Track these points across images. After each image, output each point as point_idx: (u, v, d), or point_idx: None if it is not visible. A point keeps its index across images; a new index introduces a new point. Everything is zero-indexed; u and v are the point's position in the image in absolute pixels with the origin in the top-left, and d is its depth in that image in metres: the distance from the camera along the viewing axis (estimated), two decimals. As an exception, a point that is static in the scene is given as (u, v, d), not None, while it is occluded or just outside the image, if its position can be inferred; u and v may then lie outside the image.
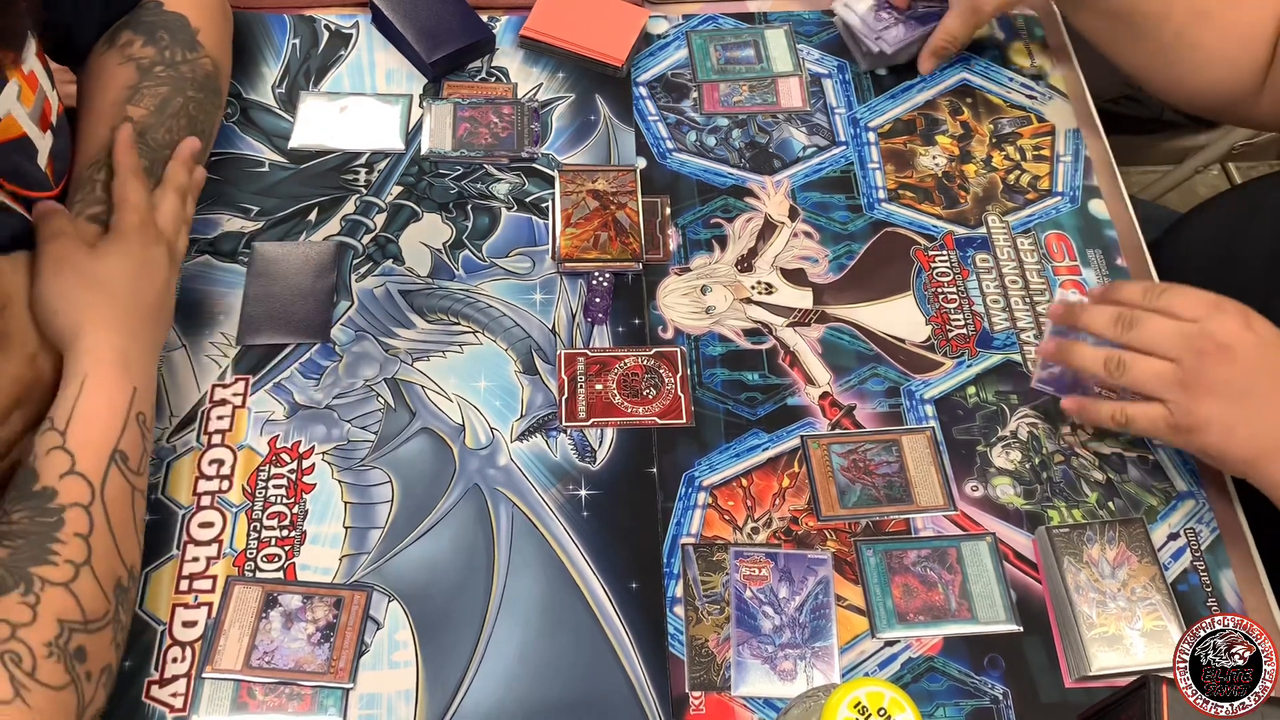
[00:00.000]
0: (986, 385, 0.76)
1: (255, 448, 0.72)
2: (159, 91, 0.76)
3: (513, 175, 0.86)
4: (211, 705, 0.63)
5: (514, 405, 0.74)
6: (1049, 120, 0.91)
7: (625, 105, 0.90)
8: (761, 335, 0.78)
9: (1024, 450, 0.74)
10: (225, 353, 0.76)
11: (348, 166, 0.86)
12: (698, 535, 0.70)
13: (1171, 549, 0.70)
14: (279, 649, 0.64)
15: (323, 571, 0.68)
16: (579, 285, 0.80)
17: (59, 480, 0.58)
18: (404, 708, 0.63)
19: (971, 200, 0.86)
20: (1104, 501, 0.72)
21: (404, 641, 0.65)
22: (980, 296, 0.80)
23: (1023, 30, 0.96)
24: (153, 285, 0.67)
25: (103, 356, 0.62)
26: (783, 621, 0.66)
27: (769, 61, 0.93)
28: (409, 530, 0.69)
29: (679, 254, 0.82)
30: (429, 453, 0.72)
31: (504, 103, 0.89)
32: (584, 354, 0.77)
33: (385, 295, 0.79)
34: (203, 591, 0.66)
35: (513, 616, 0.66)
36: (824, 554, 0.69)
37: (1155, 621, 0.65)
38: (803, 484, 0.72)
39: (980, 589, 0.68)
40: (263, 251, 0.80)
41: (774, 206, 0.85)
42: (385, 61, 0.92)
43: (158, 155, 0.74)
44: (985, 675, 0.65)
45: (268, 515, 0.69)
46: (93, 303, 0.63)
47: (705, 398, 0.75)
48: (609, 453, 0.73)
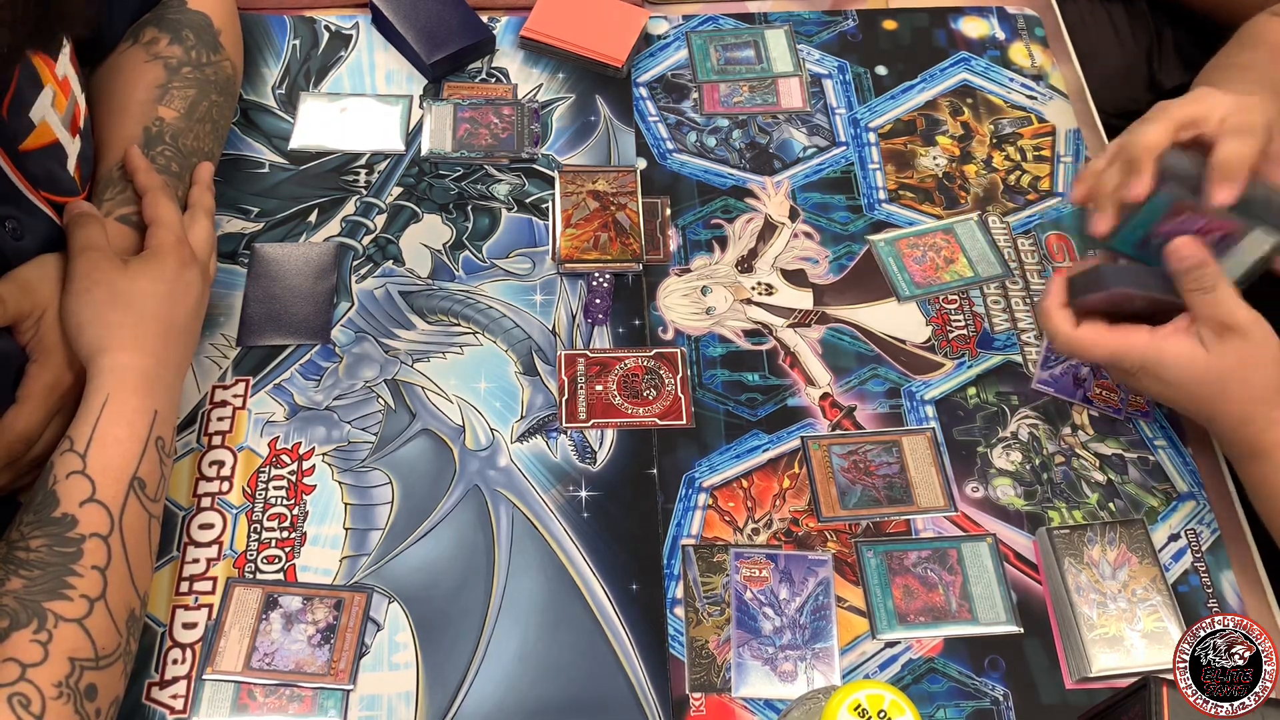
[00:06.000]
0: (987, 386, 0.76)
1: (255, 449, 0.72)
2: (187, 94, 0.76)
3: (513, 176, 0.86)
4: (212, 707, 0.63)
5: (514, 406, 0.74)
6: (1049, 121, 0.91)
7: (625, 106, 0.90)
8: (762, 336, 0.78)
9: (1024, 451, 0.74)
10: (225, 354, 0.76)
11: (348, 167, 0.86)
12: (698, 536, 0.70)
13: (1172, 550, 0.70)
14: (279, 650, 0.64)
15: (323, 573, 0.68)
16: (579, 286, 0.80)
17: (79, 508, 0.57)
18: (404, 709, 0.63)
19: (972, 201, 0.86)
20: (1104, 503, 0.71)
21: (404, 643, 0.65)
22: (981, 297, 0.80)
23: (1023, 30, 0.96)
24: (184, 307, 0.67)
25: (126, 378, 0.61)
26: (783, 623, 0.66)
27: (769, 62, 0.93)
28: (409, 531, 0.69)
29: (679, 255, 0.82)
30: (429, 454, 0.72)
31: (504, 103, 0.89)
32: (584, 355, 0.77)
33: (385, 296, 0.79)
34: (203, 593, 0.66)
35: (513, 618, 0.66)
36: (824, 555, 0.69)
37: (1156, 623, 0.65)
38: (803, 485, 0.72)
39: (981, 590, 0.68)
40: (263, 253, 0.80)
41: (774, 207, 0.85)
42: (385, 62, 0.92)
43: (186, 162, 0.74)
44: (986, 676, 0.65)
45: (268, 517, 0.69)
46: (121, 322, 0.63)
47: (705, 399, 0.75)
48: (609, 454, 0.73)
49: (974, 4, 0.98)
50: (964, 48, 0.95)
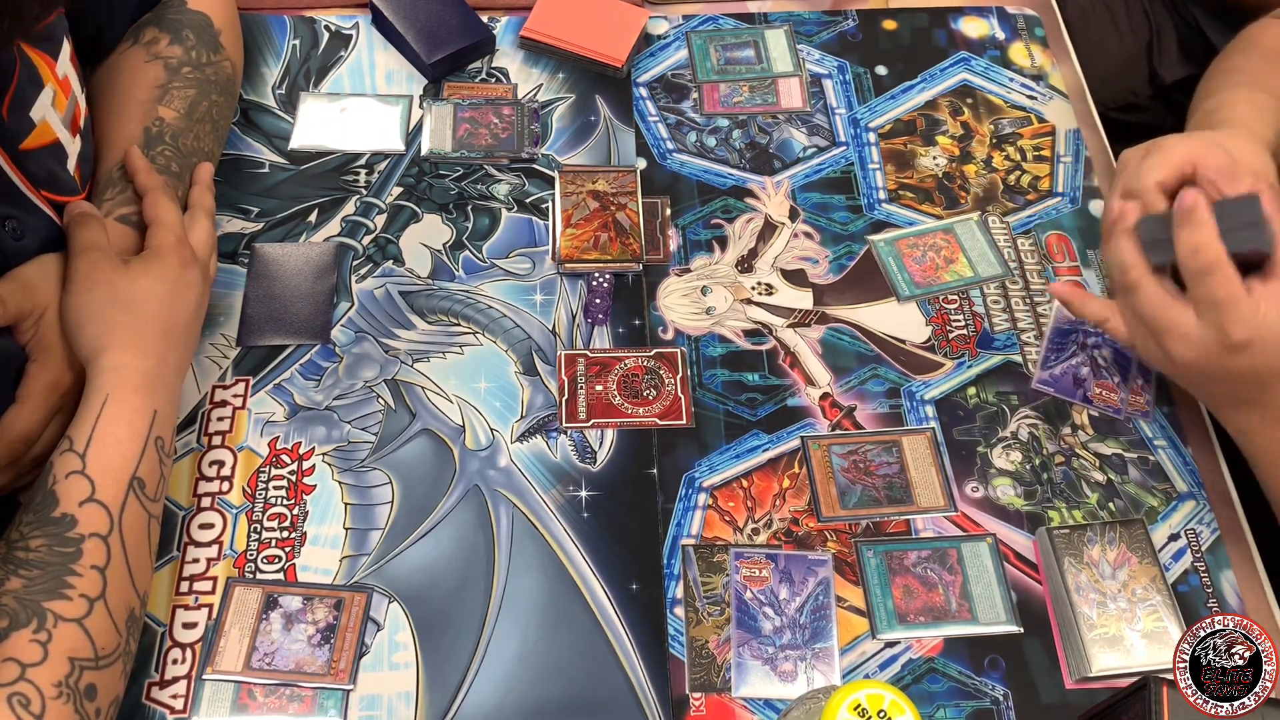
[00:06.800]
0: (987, 386, 0.76)
1: (255, 449, 0.72)
2: (187, 94, 0.76)
3: (513, 176, 0.86)
4: (212, 707, 0.63)
5: (514, 406, 0.74)
6: (1049, 121, 0.91)
7: (625, 106, 0.90)
8: (762, 336, 0.78)
9: (1024, 451, 0.74)
10: (225, 354, 0.76)
11: (348, 167, 0.86)
12: (698, 536, 0.70)
13: (1172, 550, 0.70)
14: (279, 650, 0.64)
15: (323, 573, 0.68)
16: (579, 286, 0.80)
17: (78, 508, 0.57)
18: (404, 709, 0.63)
19: (972, 201, 0.86)
20: (1104, 502, 0.71)
21: (404, 643, 0.65)
22: (980, 297, 0.80)
23: (1023, 30, 0.96)
24: (184, 308, 0.67)
25: (126, 378, 0.61)
26: (783, 623, 0.66)
27: (769, 62, 0.93)
28: (409, 531, 0.69)
29: (679, 255, 0.82)
30: (429, 454, 0.72)
31: (504, 103, 0.89)
32: (584, 355, 0.77)
33: (385, 296, 0.79)
34: (203, 593, 0.66)
35: (513, 618, 0.66)
36: (824, 555, 0.69)
37: (1156, 622, 0.65)
38: (803, 485, 0.72)
39: (980, 590, 0.68)
40: (263, 252, 0.80)
41: (774, 207, 0.85)
42: (385, 62, 0.92)
43: (186, 162, 0.74)
44: (986, 676, 0.65)
45: (268, 516, 0.69)
46: (121, 322, 0.63)
47: (705, 398, 0.75)
48: (609, 454, 0.73)
49: (974, 4, 0.98)
50: (964, 48, 0.95)
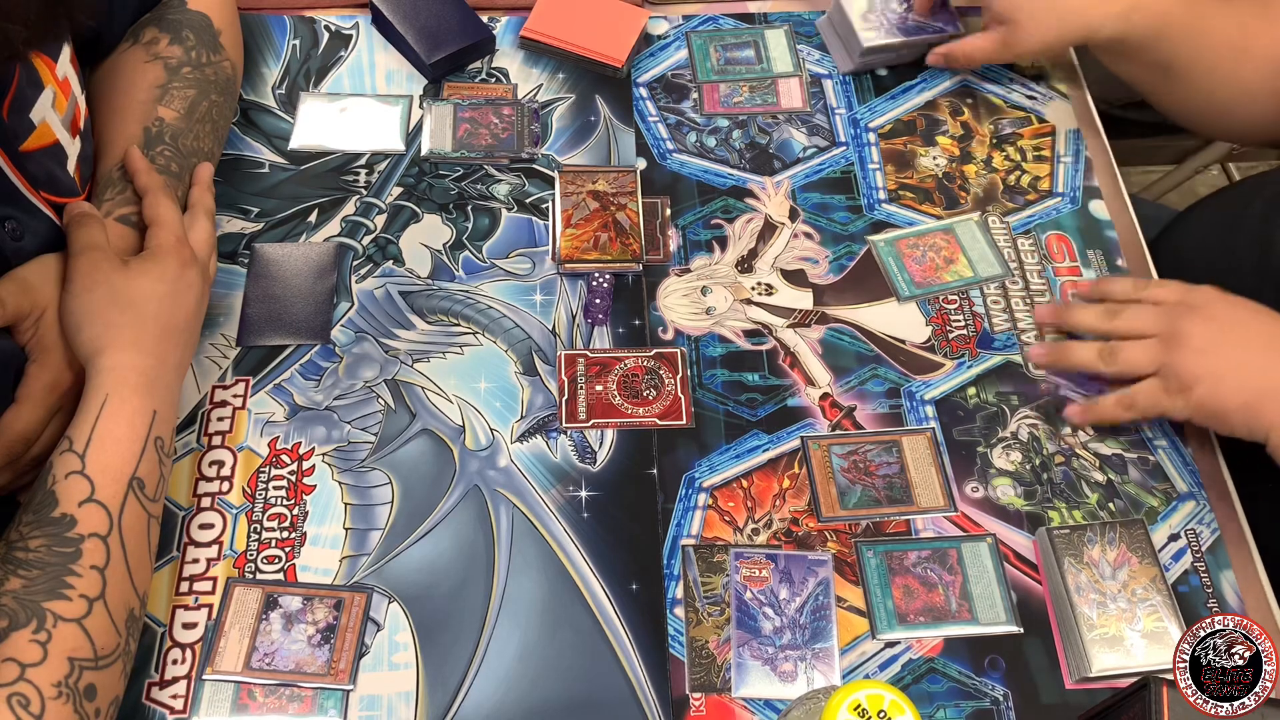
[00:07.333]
0: (987, 386, 0.76)
1: (255, 449, 0.72)
2: (187, 94, 0.76)
3: (513, 176, 0.86)
4: (212, 707, 0.63)
5: (514, 406, 0.74)
6: (1049, 121, 0.91)
7: (625, 106, 0.90)
8: (761, 336, 0.78)
9: (1024, 451, 0.74)
10: (225, 354, 0.76)
11: (348, 167, 0.86)
12: (698, 536, 0.70)
13: (1172, 550, 0.70)
14: (279, 650, 0.64)
15: (323, 573, 0.68)
16: (579, 286, 0.80)
17: (78, 508, 0.57)
18: (404, 709, 0.63)
19: (972, 201, 0.86)
20: (1104, 502, 0.71)
21: (404, 643, 0.65)
22: (980, 297, 0.80)
23: (1023, 31, 0.96)
24: (184, 308, 0.66)
25: (125, 377, 0.61)
26: (783, 623, 0.66)
27: (769, 62, 0.93)
28: (409, 532, 0.69)
29: (679, 255, 0.82)
30: (429, 454, 0.72)
31: (504, 103, 0.89)
32: (584, 355, 0.77)
33: (385, 296, 0.79)
34: (203, 593, 0.66)
35: (513, 618, 0.66)
36: (824, 555, 0.69)
37: (1156, 623, 0.65)
38: (803, 485, 0.72)
39: (981, 590, 0.68)
40: (263, 252, 0.80)
41: (774, 207, 0.85)
42: (385, 62, 0.92)
43: (186, 162, 0.74)
44: (986, 676, 0.65)
45: (268, 517, 0.69)
46: (121, 322, 0.63)
47: (705, 399, 0.75)
48: (609, 454, 0.73)
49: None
50: (964, 48, 0.95)
